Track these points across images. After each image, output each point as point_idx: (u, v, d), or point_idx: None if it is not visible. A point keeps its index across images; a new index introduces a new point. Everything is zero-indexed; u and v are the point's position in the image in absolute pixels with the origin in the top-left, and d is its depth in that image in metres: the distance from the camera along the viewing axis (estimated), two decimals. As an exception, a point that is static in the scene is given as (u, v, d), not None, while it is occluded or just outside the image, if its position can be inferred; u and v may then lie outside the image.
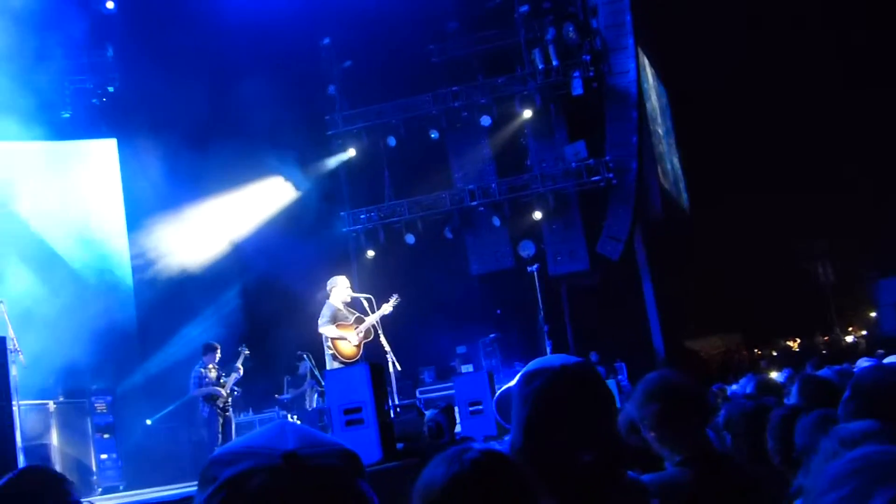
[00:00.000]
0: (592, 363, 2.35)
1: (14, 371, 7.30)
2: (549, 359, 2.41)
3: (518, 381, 2.40)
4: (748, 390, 7.31)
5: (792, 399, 5.09)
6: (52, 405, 13.63)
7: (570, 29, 18.97)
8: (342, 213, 19.85)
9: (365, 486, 1.33)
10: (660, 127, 22.89)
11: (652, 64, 21.97)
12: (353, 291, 12.02)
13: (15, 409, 6.68)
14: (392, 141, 19.70)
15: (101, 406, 14.61)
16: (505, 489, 1.80)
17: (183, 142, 16.79)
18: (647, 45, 20.47)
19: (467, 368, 17.38)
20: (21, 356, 8.77)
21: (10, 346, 6.22)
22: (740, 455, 4.39)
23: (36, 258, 17.10)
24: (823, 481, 1.24)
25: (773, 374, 9.23)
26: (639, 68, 19.40)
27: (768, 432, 4.04)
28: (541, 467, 2.15)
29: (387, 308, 11.58)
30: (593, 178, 18.78)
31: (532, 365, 2.39)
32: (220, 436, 13.16)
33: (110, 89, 18.85)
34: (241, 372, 13.52)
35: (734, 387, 8.60)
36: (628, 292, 19.06)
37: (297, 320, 15.68)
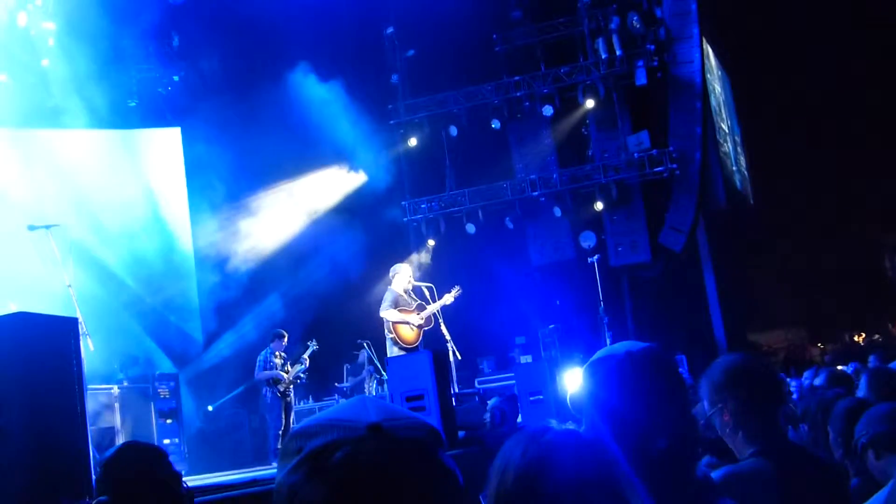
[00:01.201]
0: (661, 348, 2.31)
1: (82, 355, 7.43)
2: (617, 346, 2.40)
3: (587, 368, 2.39)
4: (817, 382, 7.20)
5: (861, 392, 5.00)
6: (116, 390, 13.82)
7: (635, 18, 18.78)
8: (403, 203, 19.90)
9: (448, 458, 1.34)
10: (724, 120, 22.61)
11: (716, 54, 21.68)
12: (413, 280, 12.09)
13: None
14: (454, 130, 19.69)
15: (164, 391, 14.80)
16: (582, 469, 1.80)
17: (245, 131, 16.95)
18: (711, 34, 20.20)
19: (526, 359, 17.36)
20: (90, 340, 8.91)
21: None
22: (816, 446, 4.33)
23: (102, 244, 17.40)
24: None
25: (840, 367, 9.03)
26: (703, 58, 19.16)
27: (830, 424, 3.97)
28: (629, 454, 2.14)
29: (448, 298, 11.63)
30: (656, 169, 18.61)
31: (600, 352, 2.39)
32: (281, 420, 13.32)
33: (175, 79, 19.07)
34: (307, 364, 13.68)
35: (803, 378, 8.44)
36: (690, 284, 18.88)
37: (357, 309, 15.78)
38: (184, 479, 3.30)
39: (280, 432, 13.39)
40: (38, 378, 4.96)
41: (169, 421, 14.36)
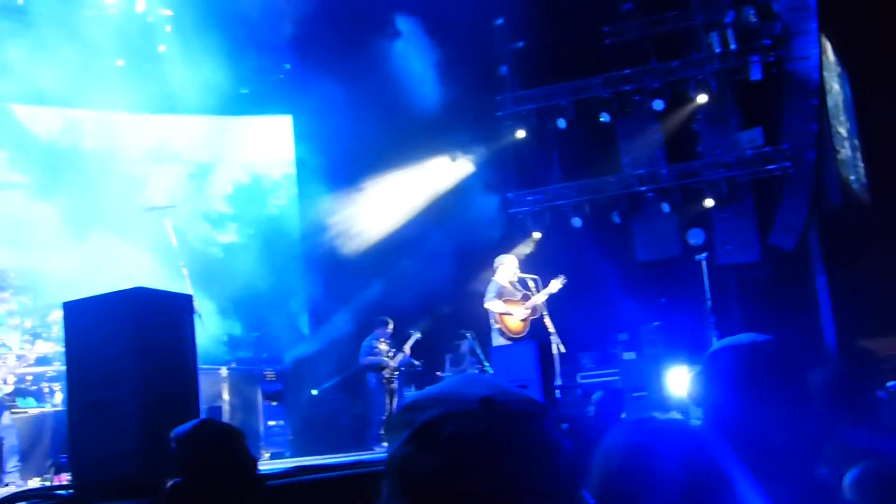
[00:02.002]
0: (784, 340, 2.27)
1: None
2: (740, 336, 2.36)
3: (708, 358, 2.35)
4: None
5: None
6: (224, 371, 14.13)
7: (751, 12, 18.38)
8: (509, 195, 19.84)
9: (558, 433, 1.34)
10: (841, 122, 21.99)
11: (835, 51, 21.08)
12: (518, 272, 12.09)
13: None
14: (562, 123, 19.54)
15: (270, 374, 15.09)
16: (687, 457, 1.77)
17: (355, 120, 17.09)
18: (831, 30, 19.64)
19: (629, 355, 17.23)
20: (202, 321, 9.10)
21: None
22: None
23: (214, 228, 17.80)
24: None
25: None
26: (821, 54, 18.67)
27: None
28: (735, 446, 2.10)
29: (554, 286, 11.61)
30: (769, 167, 18.21)
31: (721, 342, 2.35)
32: (385, 406, 13.45)
33: (287, 67, 19.35)
34: (409, 354, 13.80)
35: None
36: (801, 286, 18.40)
37: (460, 299, 15.82)
38: (259, 463, 3.31)
39: (383, 419, 13.54)
40: (152, 353, 5.08)
41: (274, 403, 14.64)
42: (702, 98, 18.74)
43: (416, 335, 14.10)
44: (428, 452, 1.26)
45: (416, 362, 14.63)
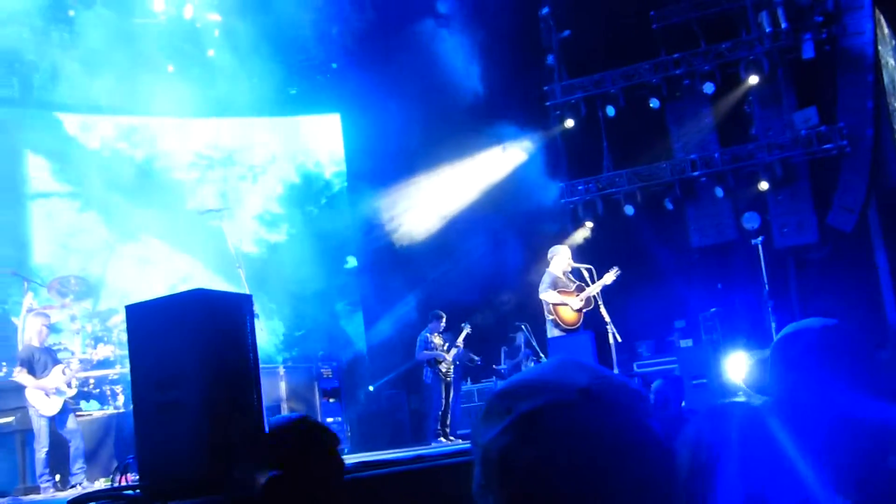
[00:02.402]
0: (852, 324, 2.25)
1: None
2: (809, 321, 2.34)
3: (778, 343, 2.33)
4: None
5: None
6: (281, 369, 14.26)
7: (802, -12, 18.15)
8: (560, 185, 19.77)
9: (655, 424, 1.34)
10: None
11: (889, 21, 20.70)
12: (572, 262, 12.06)
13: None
14: (611, 110, 19.43)
15: (326, 371, 15.17)
16: (762, 442, 1.77)
17: (402, 115, 17.14)
18: (884, 4, 19.29)
19: (687, 343, 17.11)
20: (260, 320, 9.19)
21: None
22: None
23: (267, 229, 17.95)
24: None
25: None
26: (876, 29, 18.34)
27: None
28: (805, 428, 2.07)
29: (608, 278, 11.56)
30: (825, 146, 17.93)
31: (791, 327, 2.33)
32: (442, 400, 13.49)
33: (333, 66, 19.44)
34: (462, 347, 13.82)
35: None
36: (861, 267, 18.10)
37: (513, 291, 15.81)
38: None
39: (440, 413, 13.57)
40: (215, 353, 5.13)
41: (332, 400, 14.73)
42: (753, 79, 18.50)
43: (467, 328, 14.12)
44: (529, 443, 1.26)
45: (475, 357, 14.64)
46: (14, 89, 16.30)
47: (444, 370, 13.70)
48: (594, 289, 11.64)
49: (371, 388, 16.92)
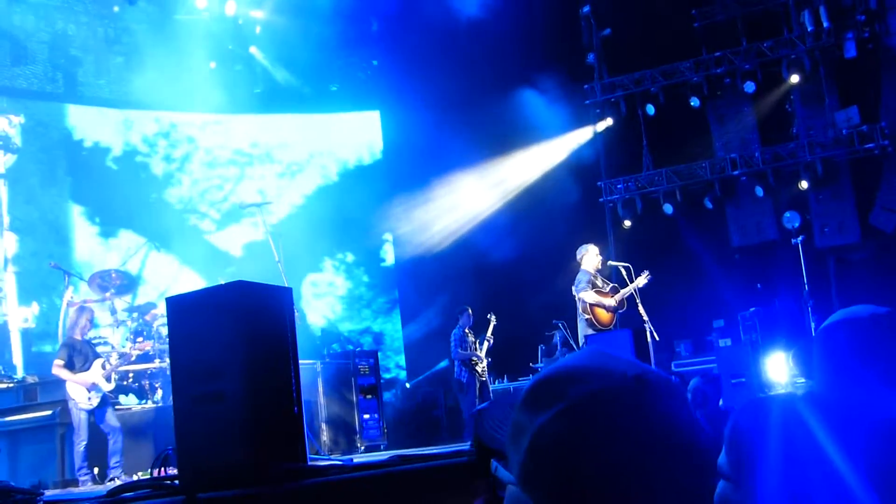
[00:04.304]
0: None
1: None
2: (857, 308, 2.31)
3: (823, 331, 2.31)
4: None
5: None
6: (318, 365, 14.31)
7: (844, -12, 17.98)
8: (599, 183, 19.70)
9: (699, 412, 1.34)
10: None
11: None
12: (610, 260, 12.04)
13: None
14: (651, 109, 19.34)
15: (363, 368, 15.21)
16: (804, 436, 1.75)
17: (448, 113, 17.17)
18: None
19: (725, 342, 16.97)
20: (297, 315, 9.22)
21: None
22: None
23: (307, 224, 18.02)
24: None
25: None
26: (920, 28, 18.15)
27: None
28: (849, 417, 2.03)
29: (640, 282, 11.54)
30: (867, 146, 17.75)
31: (838, 315, 2.31)
32: (477, 399, 13.51)
33: (374, 63, 19.52)
34: (492, 340, 13.83)
35: None
36: (903, 268, 17.93)
37: (550, 289, 15.75)
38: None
39: (474, 412, 13.55)
40: (255, 345, 5.15)
41: (369, 396, 14.76)
42: (795, 78, 18.34)
43: (493, 319, 14.17)
44: (586, 427, 1.25)
45: (489, 358, 14.57)
46: (59, 84, 16.49)
47: (479, 370, 13.74)
48: (627, 290, 11.62)
49: (408, 384, 16.96)
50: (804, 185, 18.37)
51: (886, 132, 17.61)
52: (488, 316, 14.25)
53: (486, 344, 13.98)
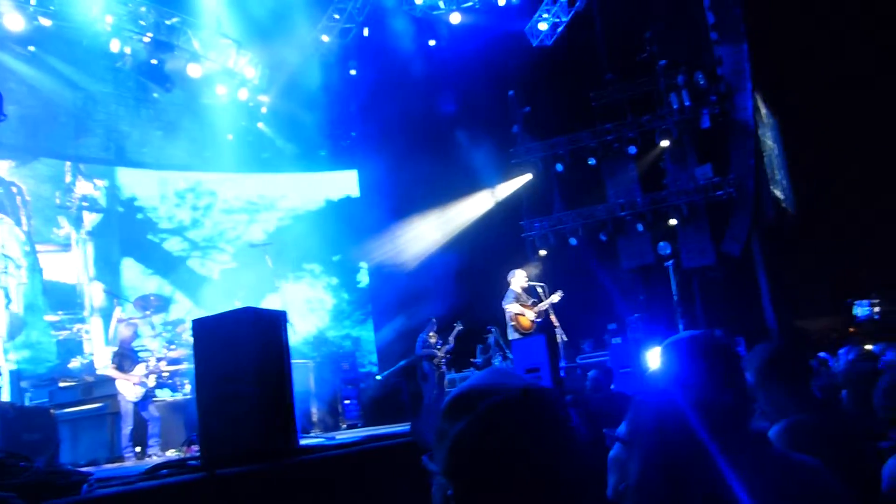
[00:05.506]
0: (715, 333, 2.38)
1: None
2: (682, 333, 2.44)
3: (662, 350, 2.42)
4: (850, 357, 6.94)
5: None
6: (310, 363, 14.21)
7: (700, 76, 18.30)
8: (521, 222, 19.87)
9: (570, 411, 1.37)
10: (772, 150, 21.84)
11: (764, 101, 20.94)
12: (530, 281, 12.14)
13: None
14: (560, 167, 19.56)
15: (345, 364, 15.16)
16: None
17: (409, 170, 17.23)
18: (762, 86, 19.54)
19: (617, 340, 17.08)
20: (293, 328, 9.19)
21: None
22: (855, 406, 4.14)
23: (304, 258, 17.95)
24: None
25: (868, 347, 8.57)
26: (755, 105, 18.55)
27: (876, 392, 3.77)
28: (697, 409, 2.14)
29: (554, 298, 11.62)
30: (718, 193, 18.10)
31: (671, 338, 2.42)
32: (435, 386, 13.48)
33: (353, 134, 19.54)
34: (453, 344, 13.81)
35: (840, 354, 8.05)
36: (747, 282, 18.22)
37: (487, 302, 15.80)
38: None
39: (435, 395, 13.56)
40: (260, 355, 5.14)
41: (350, 386, 14.68)
42: (665, 143, 18.65)
43: (459, 326, 14.16)
44: (494, 431, 1.27)
45: (449, 356, 14.51)
46: (111, 152, 16.33)
47: (436, 363, 13.75)
48: (544, 305, 11.74)
49: (378, 377, 16.87)
50: (673, 222, 18.64)
51: (733, 183, 17.95)
52: (455, 324, 14.27)
53: (444, 347, 13.99)
